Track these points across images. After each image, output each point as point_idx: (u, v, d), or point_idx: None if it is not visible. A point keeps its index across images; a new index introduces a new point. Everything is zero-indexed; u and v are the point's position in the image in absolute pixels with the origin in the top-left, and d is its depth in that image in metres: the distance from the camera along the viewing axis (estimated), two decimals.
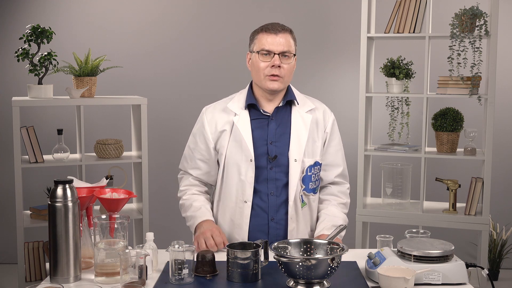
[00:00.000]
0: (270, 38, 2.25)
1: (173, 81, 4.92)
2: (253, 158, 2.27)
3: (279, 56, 2.24)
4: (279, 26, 2.28)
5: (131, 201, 4.10)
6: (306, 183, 2.32)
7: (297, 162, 2.28)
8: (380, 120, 4.48)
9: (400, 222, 3.78)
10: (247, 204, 2.29)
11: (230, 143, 2.30)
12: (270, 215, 2.30)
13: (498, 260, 4.51)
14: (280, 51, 2.24)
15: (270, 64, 2.25)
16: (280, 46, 2.24)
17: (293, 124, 2.32)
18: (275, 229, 2.31)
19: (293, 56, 2.29)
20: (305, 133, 2.31)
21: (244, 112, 2.32)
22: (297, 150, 2.29)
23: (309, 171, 2.31)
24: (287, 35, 2.27)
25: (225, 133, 2.32)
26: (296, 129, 2.31)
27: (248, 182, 2.28)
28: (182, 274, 1.90)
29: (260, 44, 2.26)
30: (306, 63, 4.83)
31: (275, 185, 2.30)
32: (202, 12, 4.90)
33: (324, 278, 1.84)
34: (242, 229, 2.31)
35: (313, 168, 2.32)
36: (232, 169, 2.30)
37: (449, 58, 3.60)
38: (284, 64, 2.26)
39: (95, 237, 2.00)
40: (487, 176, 3.66)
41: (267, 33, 2.26)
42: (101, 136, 4.38)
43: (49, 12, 4.85)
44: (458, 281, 1.89)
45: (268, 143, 2.30)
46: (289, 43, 2.27)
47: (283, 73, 2.26)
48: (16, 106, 3.55)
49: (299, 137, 2.30)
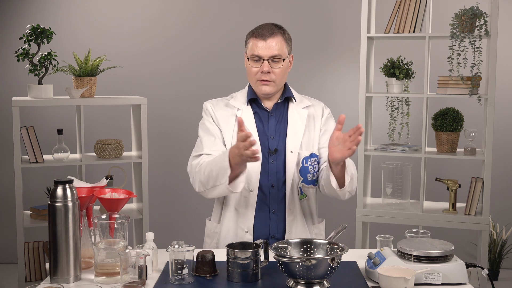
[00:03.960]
0: (259, 43, 2.27)
1: (173, 81, 4.92)
2: (259, 148, 2.29)
3: (268, 62, 2.27)
4: (269, 29, 2.29)
5: (131, 201, 4.10)
6: (304, 174, 2.34)
7: (293, 153, 2.32)
8: (380, 120, 4.48)
9: (400, 222, 3.78)
10: (252, 193, 2.31)
11: (235, 135, 2.31)
12: (271, 208, 2.33)
13: (498, 260, 4.51)
14: (269, 56, 2.27)
15: (260, 69, 2.28)
16: (270, 51, 2.26)
17: (290, 118, 2.36)
18: (276, 222, 2.34)
19: (283, 60, 2.29)
20: (302, 127, 2.35)
21: (247, 107, 2.37)
22: (293, 142, 2.33)
23: (305, 162, 2.33)
24: (277, 38, 2.28)
25: (229, 126, 2.35)
26: (292, 123, 2.35)
27: (254, 171, 2.30)
28: (182, 274, 1.90)
29: (250, 50, 2.30)
30: (306, 63, 4.83)
31: (275, 178, 2.32)
32: (202, 12, 4.90)
33: (324, 278, 1.84)
34: (247, 218, 2.32)
35: (310, 159, 2.35)
36: None
37: (449, 58, 3.60)
38: (275, 69, 2.28)
39: (95, 237, 2.00)
40: (487, 176, 3.66)
41: (256, 39, 2.28)
42: (101, 136, 4.38)
43: (49, 12, 4.85)
44: (458, 281, 1.89)
45: (269, 138, 2.33)
46: (279, 46, 2.28)
47: (273, 78, 2.29)
48: (16, 106, 3.55)
49: (295, 131, 2.34)
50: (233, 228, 2.35)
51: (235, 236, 2.34)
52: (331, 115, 2.46)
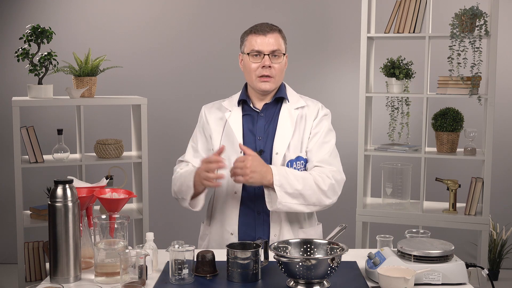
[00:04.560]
0: (259, 39, 2.29)
1: (173, 81, 4.92)
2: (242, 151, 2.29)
3: (269, 56, 2.29)
4: (267, 26, 2.32)
5: (131, 201, 4.10)
6: None
7: (279, 155, 2.30)
8: (380, 120, 4.48)
9: (400, 222, 3.78)
10: (236, 195, 2.32)
11: (223, 137, 2.36)
12: (256, 209, 2.32)
13: (498, 260, 4.51)
14: (270, 51, 2.29)
15: (260, 64, 2.29)
16: (270, 46, 2.28)
17: (280, 119, 2.35)
18: (261, 224, 2.32)
19: (283, 55, 2.32)
20: (291, 128, 2.33)
21: (237, 108, 2.38)
22: (280, 144, 2.31)
23: (289, 165, 2.30)
24: (276, 35, 2.31)
25: (218, 129, 2.38)
26: (282, 124, 2.33)
27: None
28: (182, 274, 1.90)
29: (250, 46, 2.31)
30: (306, 63, 4.83)
31: None
32: (202, 12, 4.90)
33: (324, 278, 1.84)
34: (232, 220, 2.32)
35: (295, 162, 2.32)
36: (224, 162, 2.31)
37: (449, 58, 3.60)
38: (275, 64, 2.30)
39: (95, 237, 2.00)
40: (487, 176, 3.66)
41: (256, 34, 2.30)
42: (101, 136, 4.38)
43: (49, 12, 4.85)
44: (458, 281, 1.89)
45: (257, 139, 2.33)
46: (278, 42, 2.31)
47: (274, 73, 2.30)
48: (16, 106, 3.55)
49: (284, 132, 2.32)
50: (219, 231, 2.36)
51: (222, 238, 2.33)
52: (328, 117, 2.40)
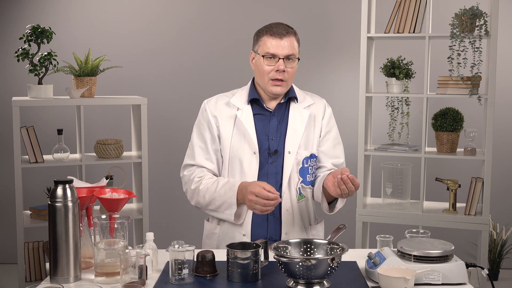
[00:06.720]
0: (275, 41, 2.25)
1: (173, 81, 4.92)
2: (257, 150, 2.29)
3: (283, 61, 2.25)
4: (284, 29, 2.28)
5: (131, 201, 4.10)
6: (304, 175, 2.34)
7: (291, 154, 2.30)
8: (380, 120, 4.48)
9: (400, 222, 3.78)
10: None
11: (234, 136, 2.32)
12: None
13: (498, 260, 4.50)
14: (285, 55, 2.25)
15: (274, 68, 2.26)
16: (285, 50, 2.25)
17: (291, 119, 2.34)
18: (273, 223, 2.32)
19: (297, 60, 2.30)
20: (302, 127, 2.34)
21: (247, 107, 2.34)
22: (292, 143, 2.31)
23: (305, 162, 2.33)
24: (291, 38, 2.28)
25: (228, 126, 2.33)
26: (293, 124, 2.34)
27: (251, 174, 2.29)
28: (182, 274, 1.90)
29: (265, 48, 2.27)
30: (306, 63, 4.82)
31: (275, 180, 2.31)
32: (202, 12, 4.90)
33: (324, 278, 1.84)
34: (245, 222, 2.31)
35: (310, 160, 2.35)
36: (235, 162, 2.31)
37: (449, 58, 3.60)
38: (289, 68, 2.27)
39: (95, 237, 2.00)
40: (487, 176, 3.66)
41: (272, 37, 2.26)
42: (101, 136, 4.38)
43: (49, 12, 4.85)
44: (458, 281, 1.89)
45: (270, 138, 2.32)
46: (293, 46, 2.28)
47: (287, 77, 2.28)
48: (16, 106, 3.55)
49: (295, 131, 2.33)
50: (231, 231, 2.34)
51: (233, 239, 2.32)
52: (332, 115, 2.45)
